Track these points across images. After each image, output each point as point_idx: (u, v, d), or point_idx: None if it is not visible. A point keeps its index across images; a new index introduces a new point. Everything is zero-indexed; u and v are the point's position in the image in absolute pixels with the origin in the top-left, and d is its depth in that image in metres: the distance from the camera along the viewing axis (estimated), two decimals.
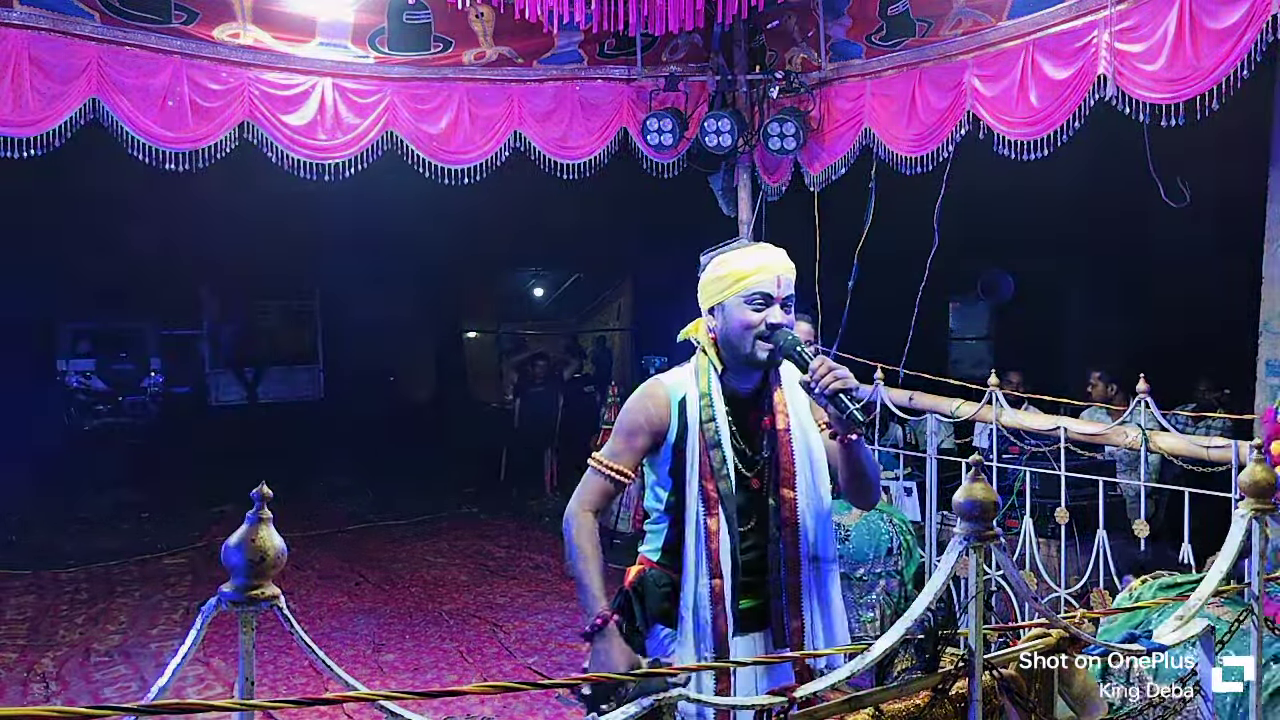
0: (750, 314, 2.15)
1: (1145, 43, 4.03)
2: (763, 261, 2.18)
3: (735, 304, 2.17)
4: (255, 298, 14.35)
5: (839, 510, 4.21)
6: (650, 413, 2.21)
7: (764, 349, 2.15)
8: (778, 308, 2.16)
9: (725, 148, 5.65)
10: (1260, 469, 2.03)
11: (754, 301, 2.15)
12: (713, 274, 2.23)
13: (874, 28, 5.27)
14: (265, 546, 1.24)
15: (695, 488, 2.17)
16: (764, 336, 2.15)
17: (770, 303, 2.16)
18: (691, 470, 2.18)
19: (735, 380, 2.25)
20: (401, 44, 5.28)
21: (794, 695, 1.58)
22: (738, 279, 2.17)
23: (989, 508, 1.61)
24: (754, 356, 2.17)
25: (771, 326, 2.14)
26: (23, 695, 4.54)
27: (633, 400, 2.26)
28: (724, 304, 2.19)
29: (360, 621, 5.62)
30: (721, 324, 2.21)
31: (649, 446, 2.23)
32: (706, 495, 2.16)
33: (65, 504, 8.65)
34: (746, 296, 2.15)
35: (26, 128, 4.56)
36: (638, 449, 2.21)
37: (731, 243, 2.30)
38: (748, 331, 2.15)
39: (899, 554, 4.15)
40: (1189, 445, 3.88)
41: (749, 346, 2.16)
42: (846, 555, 4.10)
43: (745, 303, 2.15)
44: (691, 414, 2.20)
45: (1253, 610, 2.06)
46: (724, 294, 2.19)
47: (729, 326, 2.18)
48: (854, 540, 4.12)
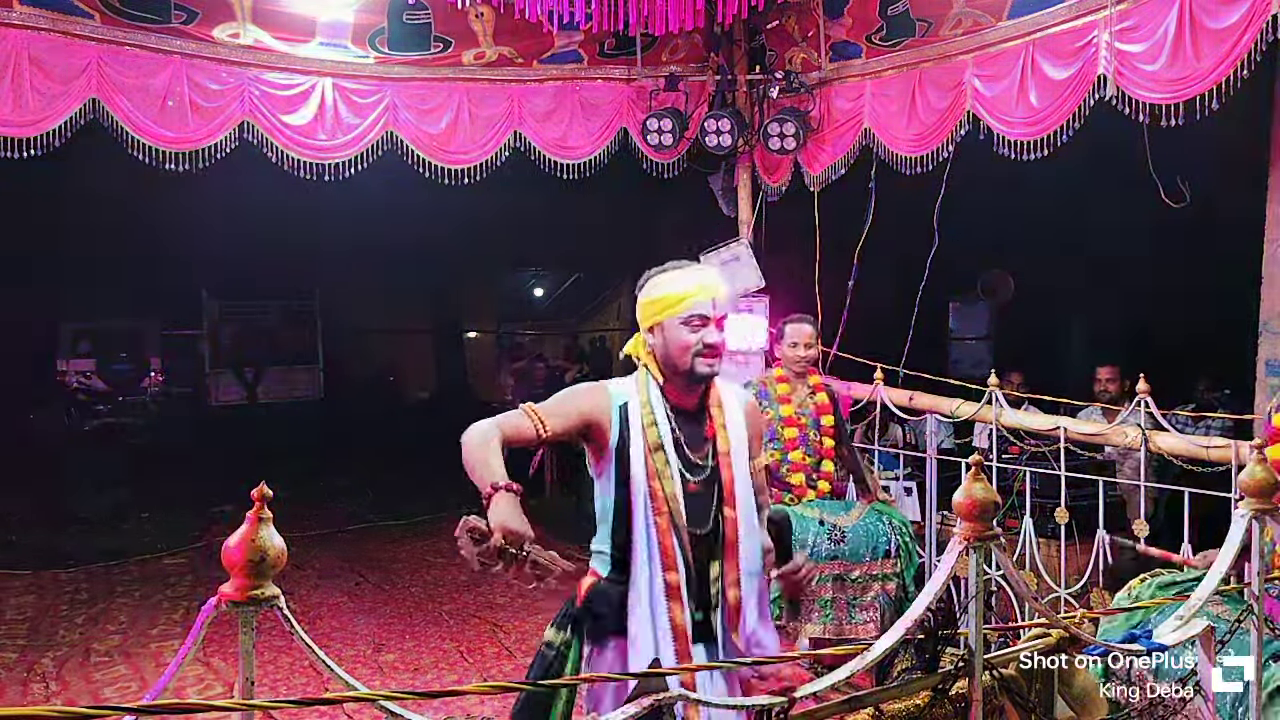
0: (688, 335, 2.23)
1: (1145, 43, 4.03)
2: (698, 283, 2.26)
3: (673, 325, 2.25)
4: (255, 298, 14.34)
5: (836, 511, 4.21)
6: (593, 400, 2.27)
7: (703, 365, 2.24)
8: (713, 327, 2.24)
9: (725, 148, 5.65)
10: (1260, 469, 2.03)
11: (691, 323, 2.23)
12: (650, 295, 2.31)
13: (874, 28, 5.27)
14: (265, 546, 1.24)
15: (642, 487, 2.21)
16: (700, 353, 2.23)
17: (707, 323, 2.24)
18: (638, 469, 2.22)
19: (676, 394, 2.31)
20: (401, 44, 5.28)
21: (794, 695, 1.58)
22: (675, 301, 2.25)
23: (989, 508, 1.61)
24: (694, 372, 2.25)
25: (708, 345, 2.23)
26: (23, 695, 4.53)
27: (577, 387, 2.33)
28: (662, 324, 2.27)
29: (360, 621, 5.62)
30: (661, 343, 2.28)
31: (580, 427, 2.25)
32: (653, 494, 2.20)
33: (65, 504, 8.65)
34: (684, 318, 2.24)
35: (26, 128, 4.56)
36: (569, 416, 2.23)
37: (669, 265, 2.36)
38: (686, 351, 2.23)
39: (897, 556, 4.13)
40: (1188, 445, 3.88)
41: (688, 363, 2.24)
42: (841, 557, 4.09)
43: (683, 324, 2.24)
44: (634, 419, 2.26)
45: (1252, 610, 2.06)
46: (661, 315, 2.27)
47: (668, 346, 2.26)
48: (850, 541, 4.10)
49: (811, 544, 4.05)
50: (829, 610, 4.10)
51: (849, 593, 4.11)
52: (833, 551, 4.07)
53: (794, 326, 4.46)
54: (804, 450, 4.36)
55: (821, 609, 4.10)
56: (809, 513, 4.18)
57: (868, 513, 4.22)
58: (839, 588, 4.10)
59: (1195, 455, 3.79)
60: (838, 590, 4.10)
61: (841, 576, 4.09)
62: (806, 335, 4.42)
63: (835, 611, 4.10)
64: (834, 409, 4.43)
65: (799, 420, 4.37)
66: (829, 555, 4.06)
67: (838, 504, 4.32)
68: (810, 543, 4.05)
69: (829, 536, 4.09)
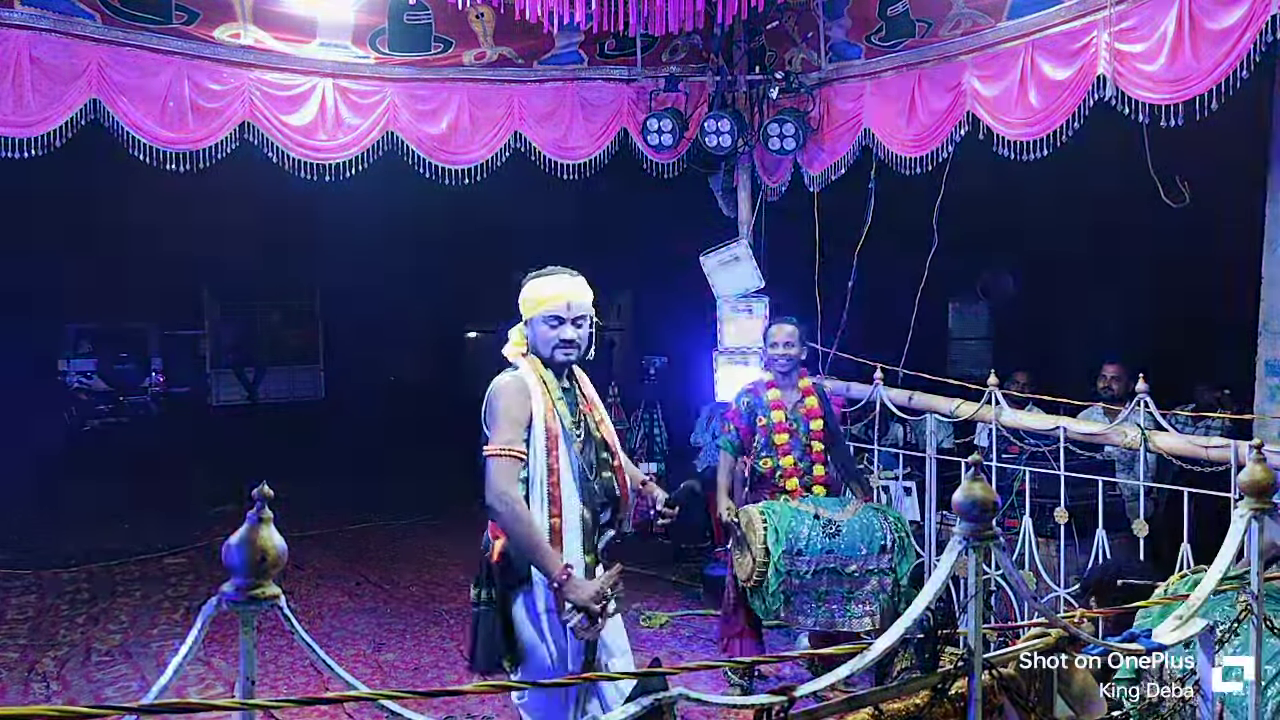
0: (548, 331, 2.78)
1: (1145, 43, 4.03)
2: (557, 290, 2.79)
3: (538, 321, 2.79)
4: (255, 298, 14.35)
5: (832, 507, 4.22)
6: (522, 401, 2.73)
7: (560, 354, 2.78)
8: (569, 325, 2.77)
9: (725, 148, 5.65)
10: (1260, 469, 2.03)
11: (550, 321, 2.77)
12: (524, 295, 2.84)
13: (873, 28, 5.27)
14: (266, 546, 1.24)
15: (541, 434, 2.69)
16: (558, 345, 2.76)
17: (563, 322, 2.76)
18: (538, 424, 2.70)
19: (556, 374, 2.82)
20: (402, 44, 5.28)
21: (794, 694, 1.58)
22: (539, 302, 2.79)
23: (989, 507, 1.61)
24: (553, 359, 2.79)
25: (564, 340, 2.76)
26: (24, 695, 4.54)
27: (507, 396, 2.74)
28: (532, 320, 2.81)
29: (360, 621, 5.62)
30: (532, 334, 2.83)
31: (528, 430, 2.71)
32: (549, 434, 2.70)
33: (65, 504, 8.65)
34: (544, 317, 2.78)
35: (27, 128, 4.56)
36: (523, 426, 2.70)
37: (545, 269, 2.87)
38: (548, 343, 2.78)
39: (893, 551, 4.13)
40: (1188, 445, 3.88)
41: (549, 352, 2.79)
42: (837, 551, 4.10)
43: (544, 321, 2.78)
44: (535, 391, 2.75)
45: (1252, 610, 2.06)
46: (531, 312, 2.81)
47: (536, 338, 2.81)
48: (845, 535, 4.10)
49: (806, 538, 4.07)
50: (822, 604, 4.12)
51: (845, 586, 4.11)
52: (827, 545, 4.08)
53: (775, 326, 4.55)
54: (796, 455, 4.39)
55: (816, 601, 4.12)
56: (805, 508, 4.20)
57: (864, 509, 4.23)
58: (834, 581, 4.10)
59: (1195, 455, 3.79)
60: (833, 583, 4.10)
61: (837, 570, 4.09)
62: (787, 334, 4.46)
63: (829, 605, 4.11)
64: (824, 412, 4.47)
65: (789, 426, 4.41)
66: (823, 549, 4.08)
67: (834, 500, 4.34)
68: (805, 536, 4.08)
69: (824, 530, 4.11)
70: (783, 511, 4.17)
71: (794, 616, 4.13)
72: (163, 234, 10.00)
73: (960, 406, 4.70)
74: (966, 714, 1.69)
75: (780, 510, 4.18)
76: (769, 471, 4.42)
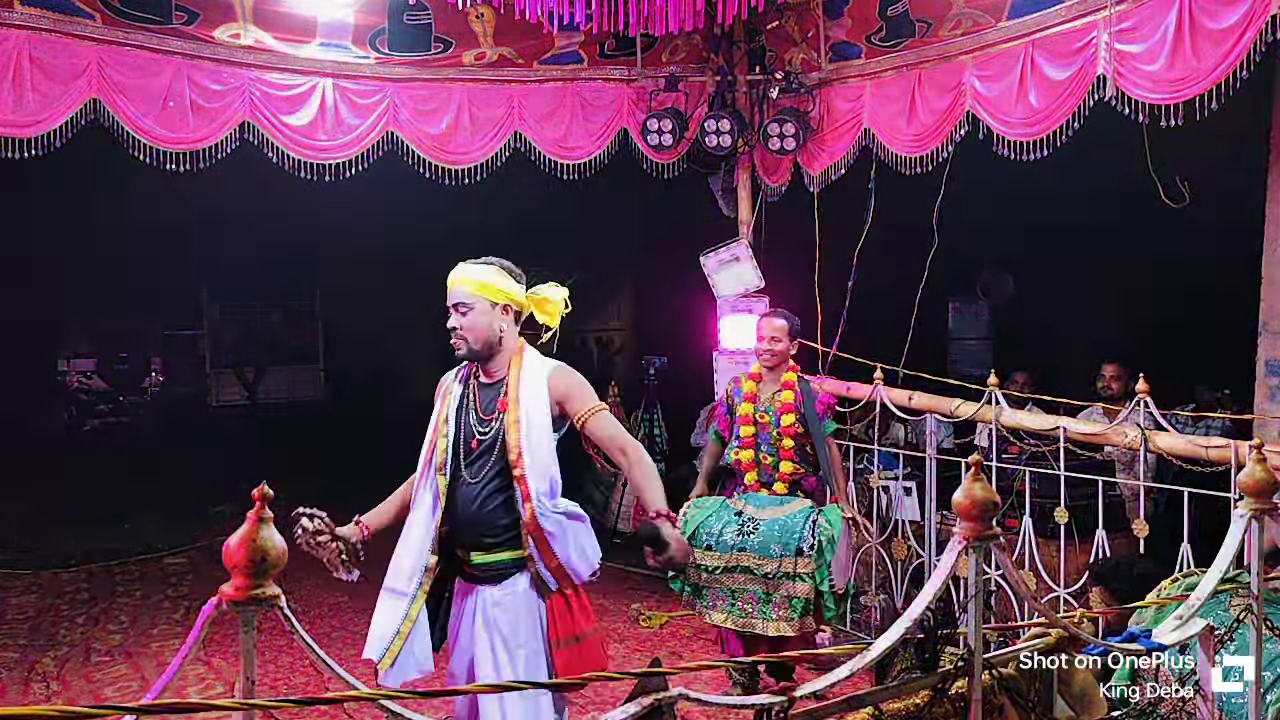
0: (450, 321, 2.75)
1: (1145, 43, 4.03)
2: (450, 277, 2.78)
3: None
4: (255, 298, 14.33)
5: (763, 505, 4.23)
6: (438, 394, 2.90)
7: (453, 344, 2.76)
8: (453, 314, 2.75)
9: (725, 148, 5.65)
10: (1260, 469, 2.03)
11: (448, 311, 2.76)
12: None
13: (874, 28, 5.27)
14: (266, 546, 1.24)
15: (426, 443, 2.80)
16: (448, 334, 2.75)
17: (450, 312, 2.76)
18: (429, 432, 2.79)
19: (479, 369, 2.84)
20: (402, 45, 5.28)
21: (794, 694, 1.58)
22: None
23: (989, 508, 1.61)
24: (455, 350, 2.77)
25: (450, 329, 2.75)
26: (24, 695, 4.54)
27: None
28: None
29: (360, 621, 5.60)
30: None
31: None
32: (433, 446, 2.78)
33: (65, 504, 8.64)
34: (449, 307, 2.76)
35: (26, 128, 4.56)
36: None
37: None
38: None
39: (809, 556, 4.02)
40: (1188, 445, 3.88)
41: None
42: (750, 549, 4.10)
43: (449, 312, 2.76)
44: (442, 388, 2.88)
45: (1252, 610, 2.06)
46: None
47: None
48: (760, 535, 4.09)
49: (718, 534, 4.16)
50: (735, 601, 4.14)
51: (760, 587, 4.10)
52: (739, 543, 4.13)
53: (764, 320, 4.52)
54: (764, 449, 4.35)
55: (727, 597, 4.15)
56: (735, 503, 4.29)
57: (799, 510, 4.18)
58: (749, 579, 4.11)
59: (1195, 455, 3.79)
60: (747, 581, 4.11)
61: (749, 569, 4.11)
62: (773, 329, 4.42)
63: (742, 603, 4.12)
64: (799, 408, 4.31)
65: (756, 418, 4.37)
66: (735, 546, 4.13)
67: (770, 498, 4.29)
68: (717, 532, 4.17)
69: (739, 528, 4.15)
70: (710, 505, 4.32)
71: (708, 610, 4.21)
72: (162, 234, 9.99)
73: (960, 406, 4.70)
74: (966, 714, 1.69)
75: (709, 504, 4.34)
76: (735, 463, 4.43)
